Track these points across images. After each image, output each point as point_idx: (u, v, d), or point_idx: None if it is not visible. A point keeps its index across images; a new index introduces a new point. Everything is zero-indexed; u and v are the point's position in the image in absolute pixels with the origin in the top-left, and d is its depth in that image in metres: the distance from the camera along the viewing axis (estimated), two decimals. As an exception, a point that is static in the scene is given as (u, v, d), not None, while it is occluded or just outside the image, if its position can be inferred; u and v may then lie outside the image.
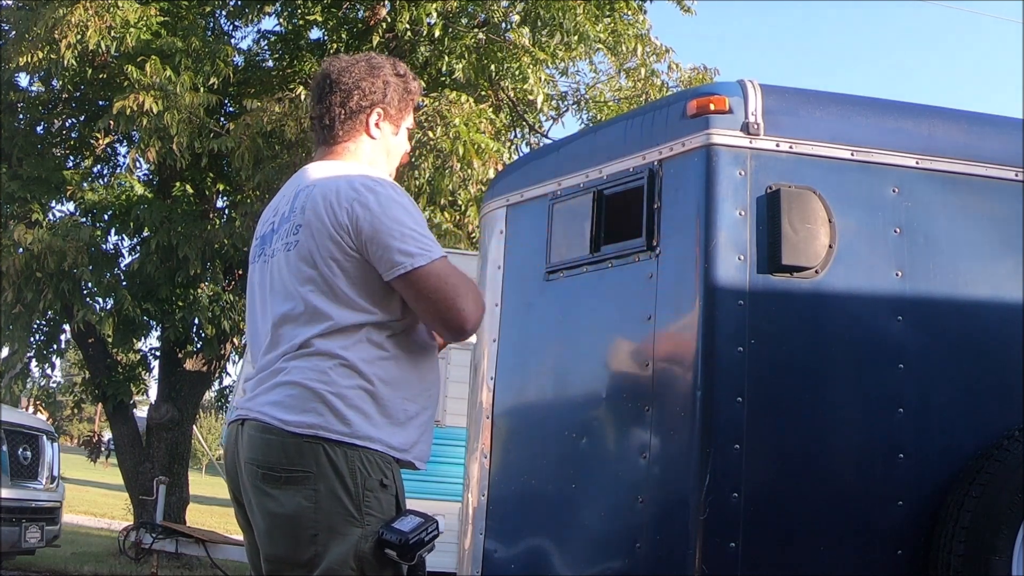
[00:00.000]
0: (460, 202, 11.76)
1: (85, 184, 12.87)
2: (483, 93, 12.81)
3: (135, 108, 10.26)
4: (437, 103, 11.39)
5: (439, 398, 2.53)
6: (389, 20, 12.03)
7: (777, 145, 3.89)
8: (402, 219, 2.35)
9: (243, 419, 2.41)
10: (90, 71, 12.21)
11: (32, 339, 12.97)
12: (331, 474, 2.26)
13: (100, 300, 12.28)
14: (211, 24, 13.26)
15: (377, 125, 2.58)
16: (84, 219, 12.34)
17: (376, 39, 12.20)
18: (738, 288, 3.74)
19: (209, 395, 15.78)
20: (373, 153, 2.58)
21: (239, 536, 4.77)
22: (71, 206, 12.96)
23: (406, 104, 2.65)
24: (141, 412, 15.60)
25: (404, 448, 2.38)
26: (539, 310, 4.52)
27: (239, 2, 13.05)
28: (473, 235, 11.30)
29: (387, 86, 2.58)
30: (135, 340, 13.06)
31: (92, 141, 12.70)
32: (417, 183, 11.67)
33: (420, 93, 2.72)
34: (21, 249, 11.05)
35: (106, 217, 12.36)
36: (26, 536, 7.74)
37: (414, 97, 2.68)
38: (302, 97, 11.04)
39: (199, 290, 12.39)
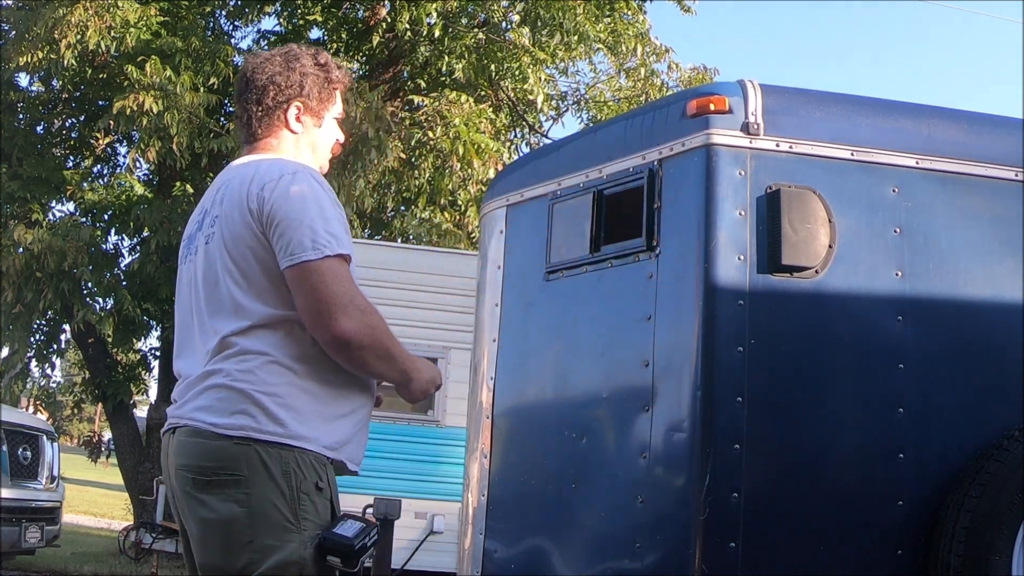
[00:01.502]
0: (460, 202, 11.76)
1: (85, 184, 12.88)
2: (483, 93, 12.81)
3: (135, 108, 10.27)
4: (437, 103, 11.40)
5: (374, 395, 2.41)
6: (389, 20, 12.03)
7: (777, 145, 3.89)
8: (308, 209, 2.24)
9: (174, 427, 2.32)
10: (90, 71, 12.22)
11: (32, 339, 12.97)
12: (264, 477, 2.17)
13: (100, 300, 12.29)
14: (211, 24, 13.27)
15: (298, 119, 2.47)
16: (84, 219, 12.35)
17: (376, 39, 12.20)
18: (738, 288, 3.74)
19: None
20: (297, 148, 2.48)
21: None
22: (71, 206, 12.98)
23: (328, 94, 2.52)
24: (141, 412, 15.62)
25: (335, 447, 2.28)
26: (539, 310, 4.52)
27: (239, 2, 13.06)
28: (473, 235, 11.30)
29: (304, 78, 2.47)
30: (135, 340, 13.07)
31: (92, 141, 12.71)
32: (417, 183, 11.68)
33: (347, 80, 2.61)
34: (21, 249, 11.06)
35: (106, 217, 12.37)
36: (26, 536, 7.74)
37: (337, 86, 2.54)
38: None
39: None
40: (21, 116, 12.75)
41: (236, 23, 13.47)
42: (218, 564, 2.20)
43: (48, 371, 15.46)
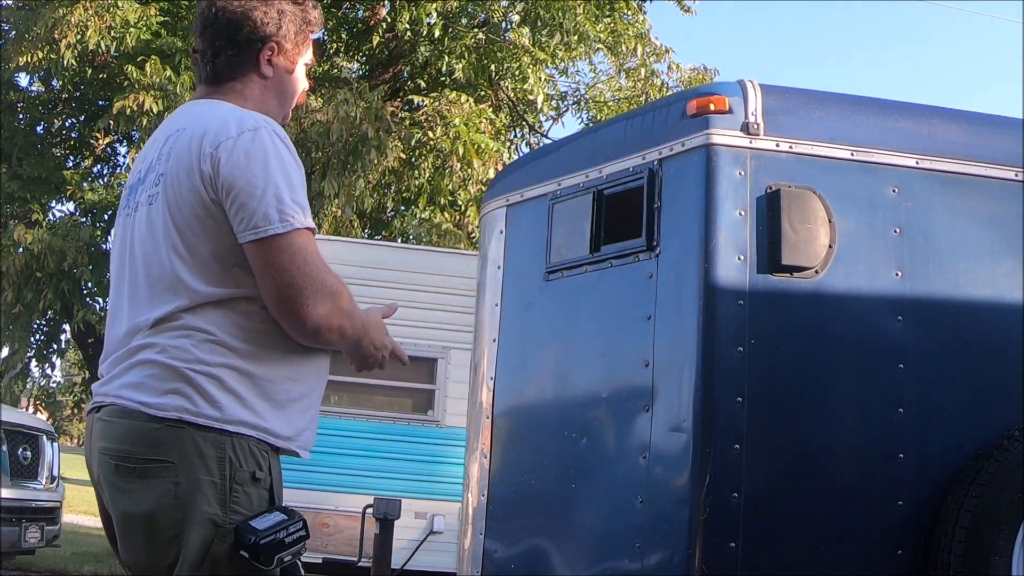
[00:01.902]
0: (460, 202, 11.76)
1: (85, 184, 12.88)
2: (483, 93, 12.81)
3: (135, 108, 10.27)
4: (437, 103, 11.40)
5: (327, 378, 2.17)
6: (389, 20, 12.03)
7: (777, 145, 3.89)
8: (271, 174, 1.96)
9: (99, 406, 2.05)
10: (90, 71, 12.22)
11: (32, 339, 12.98)
12: (197, 464, 1.92)
13: (100, 300, 12.29)
14: (211, 24, 13.24)
15: (269, 62, 2.16)
16: (84, 219, 12.35)
17: (376, 39, 12.20)
18: (738, 288, 3.74)
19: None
20: (264, 94, 2.18)
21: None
22: (71, 206, 12.98)
23: (304, 37, 2.22)
24: (141, 412, 15.55)
25: (288, 436, 2.03)
26: (539, 310, 4.52)
27: (239, 2, 13.03)
28: (473, 235, 11.30)
29: (282, 16, 2.16)
30: (135, 340, 13.04)
31: (92, 141, 12.70)
32: (417, 183, 11.68)
33: (322, 24, 2.31)
34: (21, 249, 11.07)
35: (106, 217, 12.36)
36: (26, 536, 7.73)
37: (314, 28, 2.26)
38: (302, 97, 11.02)
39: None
40: (21, 116, 12.76)
41: (236, 23, 13.44)
42: (144, 561, 1.98)
43: (48, 371, 15.48)
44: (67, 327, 12.71)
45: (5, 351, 13.52)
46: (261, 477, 1.98)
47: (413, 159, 11.53)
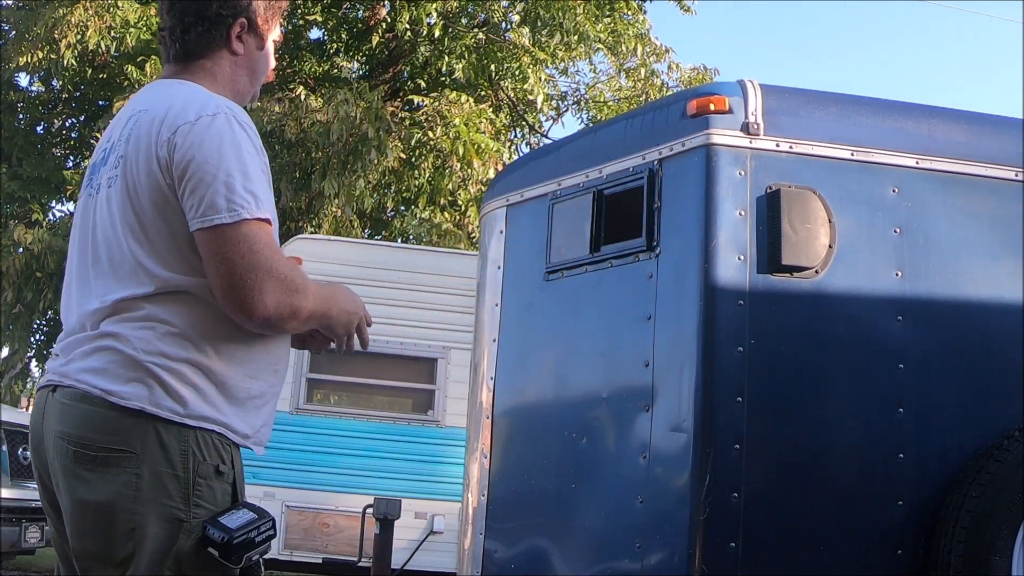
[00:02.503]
0: (460, 202, 11.77)
1: (85, 184, 12.87)
2: (483, 93, 12.81)
3: (135, 108, 10.26)
4: (437, 103, 11.40)
5: (286, 375, 2.14)
6: (389, 20, 12.03)
7: (777, 145, 3.89)
8: (224, 160, 1.90)
9: (55, 385, 1.98)
10: (90, 71, 12.23)
11: (32, 339, 12.99)
12: (159, 456, 1.88)
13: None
14: (211, 24, 13.25)
15: (239, 38, 2.12)
16: (84, 219, 12.32)
17: (376, 39, 12.21)
18: (738, 288, 3.74)
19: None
20: (234, 72, 2.14)
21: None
22: (71, 206, 12.98)
23: (274, 13, 2.20)
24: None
25: (246, 433, 2.00)
26: (539, 310, 4.52)
27: (239, 2, 13.04)
28: (473, 235, 11.30)
29: None
30: (135, 340, 13.05)
31: (92, 141, 12.70)
32: (417, 183, 11.68)
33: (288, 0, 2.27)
34: (21, 249, 11.07)
35: (106, 217, 12.35)
36: (26, 536, 7.74)
37: (283, 4, 2.25)
38: (302, 97, 11.04)
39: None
40: (21, 116, 12.77)
41: (236, 23, 13.45)
42: (97, 552, 1.91)
43: (48, 371, 15.44)
44: (67, 327, 12.70)
45: (5, 351, 13.53)
46: (224, 471, 1.95)
47: (413, 159, 11.54)
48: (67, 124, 13.66)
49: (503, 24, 12.29)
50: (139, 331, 1.92)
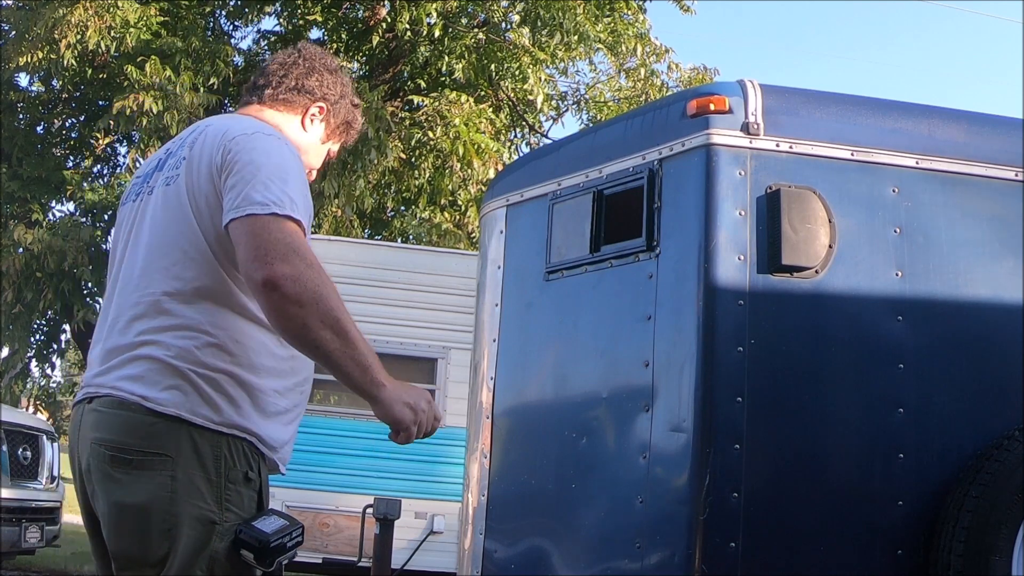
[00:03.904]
0: (460, 202, 11.77)
1: (85, 184, 12.88)
2: (483, 93, 12.81)
3: (135, 108, 10.28)
4: (437, 103, 11.40)
5: (308, 397, 2.25)
6: (389, 20, 12.03)
7: (777, 145, 3.89)
8: (268, 166, 2.01)
9: (91, 396, 2.07)
10: (90, 71, 12.23)
11: (32, 339, 12.99)
12: (193, 460, 1.96)
13: (100, 300, 12.29)
14: (211, 24, 13.27)
15: (311, 119, 2.35)
16: (84, 219, 12.35)
17: (376, 39, 12.20)
18: (738, 288, 3.74)
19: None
20: (295, 140, 2.30)
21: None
22: (71, 206, 12.99)
23: (345, 129, 2.42)
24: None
25: (273, 446, 2.09)
26: (539, 310, 4.52)
27: (239, 2, 13.06)
28: (473, 235, 11.30)
29: (343, 97, 2.38)
30: (135, 340, 13.04)
31: (92, 141, 12.71)
32: (417, 183, 11.68)
33: (356, 136, 2.50)
34: (21, 249, 11.08)
35: (106, 217, 12.37)
36: (26, 536, 7.73)
37: (353, 129, 2.45)
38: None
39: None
40: (21, 116, 12.76)
41: (236, 23, 13.47)
42: (134, 554, 1.98)
43: (48, 371, 15.47)
44: (67, 327, 12.72)
45: (5, 351, 13.54)
46: (253, 478, 2.04)
47: (413, 159, 11.54)
48: (67, 124, 13.66)
49: (503, 24, 12.29)
50: (180, 340, 2.01)
